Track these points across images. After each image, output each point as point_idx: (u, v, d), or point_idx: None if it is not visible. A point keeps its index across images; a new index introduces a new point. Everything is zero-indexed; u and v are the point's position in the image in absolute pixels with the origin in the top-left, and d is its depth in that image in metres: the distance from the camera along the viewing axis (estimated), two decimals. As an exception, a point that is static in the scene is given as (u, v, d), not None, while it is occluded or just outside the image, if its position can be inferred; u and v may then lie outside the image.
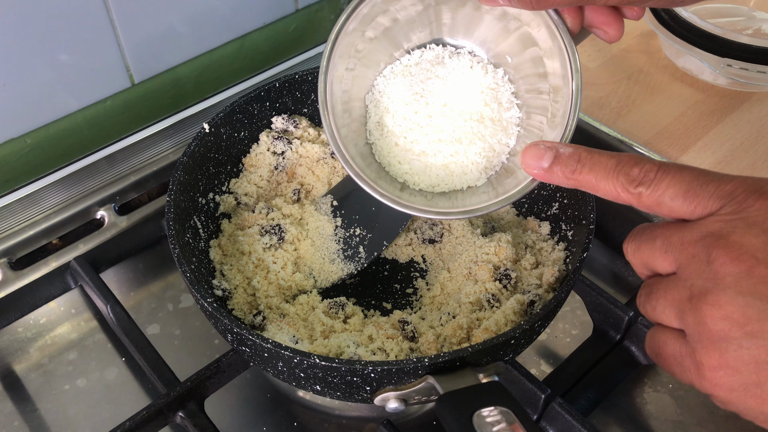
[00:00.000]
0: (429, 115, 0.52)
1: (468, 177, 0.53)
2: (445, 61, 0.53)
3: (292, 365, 0.47)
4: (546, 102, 0.50)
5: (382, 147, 0.54)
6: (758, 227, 0.33)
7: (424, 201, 0.52)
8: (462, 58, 0.53)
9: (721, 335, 0.33)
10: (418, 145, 0.52)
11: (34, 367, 0.63)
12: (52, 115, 0.72)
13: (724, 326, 0.33)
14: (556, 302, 0.49)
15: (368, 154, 0.54)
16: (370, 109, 0.55)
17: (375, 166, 0.54)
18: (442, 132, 0.52)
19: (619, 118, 0.78)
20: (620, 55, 0.87)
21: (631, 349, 0.61)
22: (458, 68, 0.53)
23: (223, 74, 0.84)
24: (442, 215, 0.50)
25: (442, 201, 0.53)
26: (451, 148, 0.52)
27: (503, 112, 0.52)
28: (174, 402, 0.54)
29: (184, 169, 0.58)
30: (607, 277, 0.70)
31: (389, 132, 0.53)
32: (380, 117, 0.54)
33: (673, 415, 0.59)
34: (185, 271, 0.51)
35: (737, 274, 0.32)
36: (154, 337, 0.64)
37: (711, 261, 0.33)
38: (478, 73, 0.52)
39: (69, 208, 0.70)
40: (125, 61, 0.74)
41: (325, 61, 0.51)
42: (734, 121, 0.78)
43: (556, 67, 0.48)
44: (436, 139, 0.52)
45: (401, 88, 0.53)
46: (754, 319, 0.32)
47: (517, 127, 0.53)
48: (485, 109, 0.52)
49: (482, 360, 0.47)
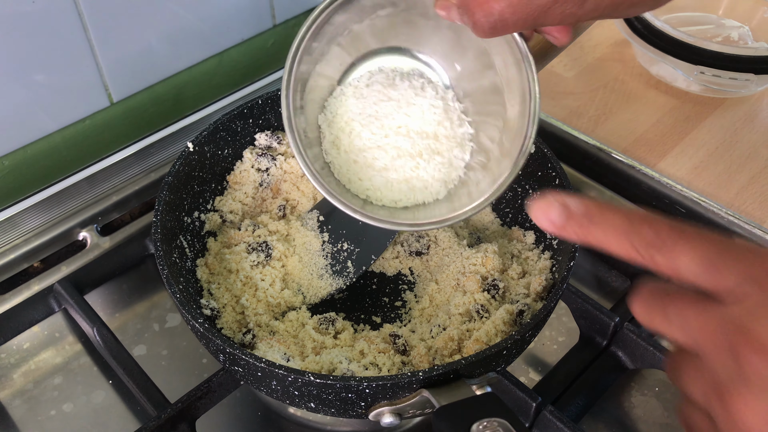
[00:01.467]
0: (386, 135, 0.54)
1: (429, 191, 0.55)
2: (396, 82, 0.54)
3: (286, 383, 0.47)
4: (500, 114, 0.52)
5: (340, 165, 0.55)
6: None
7: (388, 215, 0.54)
8: (413, 79, 0.54)
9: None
10: (379, 161, 0.54)
11: (18, 394, 0.62)
12: (29, 137, 0.71)
13: (754, 424, 0.31)
14: (545, 311, 0.50)
15: (328, 173, 0.55)
16: (323, 129, 0.56)
17: (334, 184, 0.55)
18: (401, 149, 0.54)
19: (597, 126, 0.79)
20: (595, 64, 0.88)
21: (617, 354, 0.62)
22: (410, 90, 0.54)
23: (202, 91, 0.83)
24: (416, 227, 0.53)
25: (405, 214, 0.54)
26: (412, 162, 0.54)
27: (456, 129, 0.54)
28: (165, 424, 0.53)
29: (169, 188, 0.58)
30: (591, 284, 0.71)
31: (346, 151, 0.54)
32: (335, 137, 0.55)
33: (661, 417, 0.60)
34: (174, 291, 0.51)
35: (765, 375, 0.30)
36: (141, 358, 0.64)
37: (736, 356, 0.31)
38: (429, 94, 0.54)
39: (50, 231, 0.69)
40: (103, 80, 0.74)
41: (286, 81, 0.51)
42: (708, 126, 0.79)
43: (512, 78, 0.49)
44: (395, 155, 0.54)
45: (354, 110, 0.54)
46: None
47: (470, 143, 0.55)
48: (439, 128, 0.54)
49: (475, 371, 0.47)
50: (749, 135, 0.78)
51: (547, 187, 0.62)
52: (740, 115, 0.81)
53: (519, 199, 0.66)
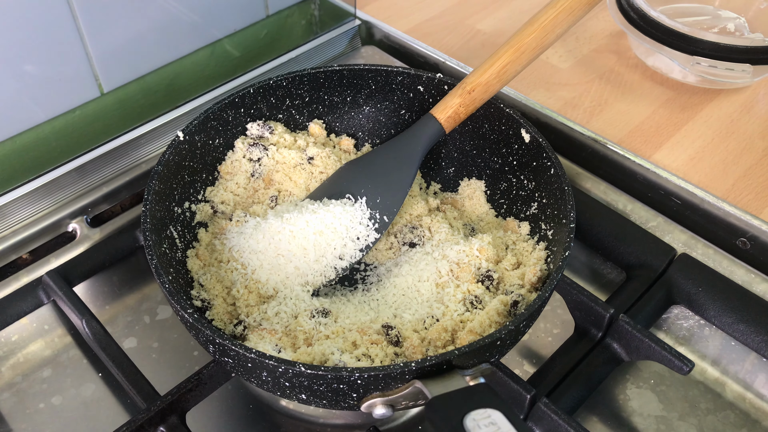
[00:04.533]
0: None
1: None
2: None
3: (276, 375, 0.46)
4: None
5: None
6: None
7: None
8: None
9: None
10: None
11: (6, 387, 0.61)
12: (18, 127, 0.70)
13: None
14: (540, 302, 0.49)
15: None
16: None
17: None
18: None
19: (592, 117, 0.79)
20: (591, 56, 0.88)
21: (613, 346, 0.61)
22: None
23: (194, 82, 0.82)
24: None
25: None
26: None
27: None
28: (155, 417, 0.52)
29: (159, 178, 0.57)
30: (586, 275, 0.70)
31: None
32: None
33: (656, 410, 0.60)
34: (164, 282, 0.50)
35: None
36: (132, 350, 0.63)
37: None
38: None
39: (39, 222, 0.69)
40: (94, 70, 0.73)
41: None
42: (704, 118, 0.79)
43: None
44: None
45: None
46: None
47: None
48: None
49: (469, 362, 0.47)
50: (745, 126, 0.78)
51: (543, 178, 0.61)
52: (736, 106, 0.80)
53: (513, 191, 0.65)
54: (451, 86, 0.66)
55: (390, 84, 0.69)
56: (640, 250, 0.66)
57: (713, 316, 0.63)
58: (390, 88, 0.70)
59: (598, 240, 0.69)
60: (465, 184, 0.69)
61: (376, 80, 0.69)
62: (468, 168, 0.70)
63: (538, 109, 0.79)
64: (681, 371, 0.56)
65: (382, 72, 0.69)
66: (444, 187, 0.71)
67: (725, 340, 0.64)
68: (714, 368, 0.63)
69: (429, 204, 0.67)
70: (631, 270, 0.67)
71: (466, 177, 0.70)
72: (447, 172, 0.71)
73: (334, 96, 0.70)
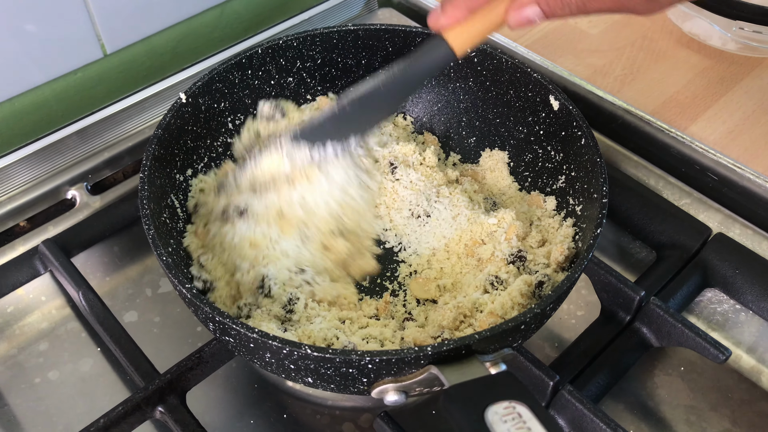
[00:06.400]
0: None
1: None
2: None
3: (281, 356, 0.43)
4: None
5: None
6: None
7: None
8: None
9: None
10: None
11: (1, 360, 0.59)
12: (17, 88, 0.68)
13: None
14: (569, 283, 0.45)
15: None
16: None
17: None
18: None
19: (623, 86, 0.75)
20: (623, 21, 0.84)
21: (642, 330, 0.57)
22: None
23: (202, 44, 0.80)
24: None
25: None
26: None
27: None
28: (152, 396, 0.50)
29: (158, 142, 0.54)
30: (613, 254, 0.67)
31: None
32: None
33: (686, 399, 0.57)
34: (161, 254, 0.47)
35: None
36: (132, 325, 0.60)
37: None
38: None
39: (37, 188, 0.67)
40: (96, 31, 0.70)
41: None
42: (745, 88, 0.75)
43: None
44: None
45: None
46: None
47: None
48: None
49: (489, 347, 0.43)
50: (789, 98, 0.74)
51: (572, 149, 0.57)
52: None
53: (539, 163, 0.62)
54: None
55: (408, 46, 0.66)
56: (672, 229, 0.63)
57: (750, 300, 0.60)
58: (408, 51, 0.66)
59: (627, 217, 0.65)
60: (487, 155, 0.66)
61: (393, 42, 0.65)
62: (490, 138, 0.66)
63: (565, 76, 0.76)
64: (717, 360, 0.53)
65: (399, 33, 0.65)
66: (464, 158, 0.68)
67: (763, 327, 0.61)
68: (750, 356, 0.60)
69: (448, 176, 0.63)
70: (662, 250, 0.64)
71: (488, 147, 0.67)
72: (468, 141, 0.67)
73: (348, 58, 0.66)
